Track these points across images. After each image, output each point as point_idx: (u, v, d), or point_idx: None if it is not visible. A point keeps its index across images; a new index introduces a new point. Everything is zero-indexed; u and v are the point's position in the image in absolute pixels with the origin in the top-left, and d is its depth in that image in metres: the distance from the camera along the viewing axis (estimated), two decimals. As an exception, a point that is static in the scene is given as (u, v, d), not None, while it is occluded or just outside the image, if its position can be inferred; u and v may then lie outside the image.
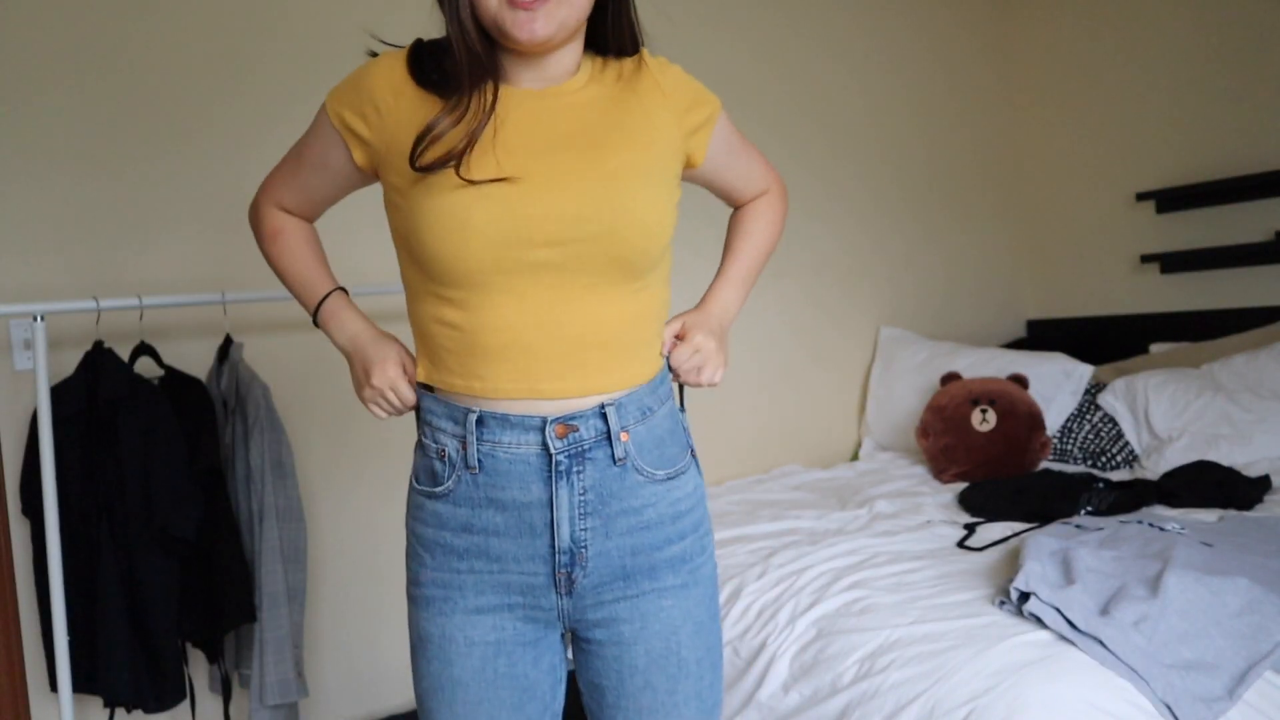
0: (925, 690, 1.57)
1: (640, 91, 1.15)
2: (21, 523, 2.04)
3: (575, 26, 1.08)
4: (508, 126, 1.08)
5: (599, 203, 1.06)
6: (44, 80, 2.14)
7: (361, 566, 2.51)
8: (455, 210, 1.04)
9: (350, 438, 2.50)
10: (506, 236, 1.04)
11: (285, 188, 1.28)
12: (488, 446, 1.08)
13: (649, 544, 1.12)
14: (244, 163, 2.36)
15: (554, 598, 1.11)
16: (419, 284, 1.12)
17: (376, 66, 1.12)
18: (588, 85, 1.14)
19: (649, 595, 1.12)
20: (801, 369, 3.32)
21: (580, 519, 1.09)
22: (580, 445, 1.08)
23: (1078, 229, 3.69)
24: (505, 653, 1.12)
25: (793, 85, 3.31)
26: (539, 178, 1.06)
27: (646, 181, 1.10)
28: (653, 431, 1.13)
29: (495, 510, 1.09)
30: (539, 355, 1.07)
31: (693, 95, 1.20)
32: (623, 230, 1.06)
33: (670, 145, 1.16)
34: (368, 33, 1.31)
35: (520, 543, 1.09)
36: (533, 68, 1.11)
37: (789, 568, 2.10)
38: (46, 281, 2.14)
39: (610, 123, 1.12)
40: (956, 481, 2.84)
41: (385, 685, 2.54)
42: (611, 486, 1.10)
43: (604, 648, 1.14)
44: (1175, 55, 3.34)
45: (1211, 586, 1.65)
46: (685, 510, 1.16)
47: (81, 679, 1.97)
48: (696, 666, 1.15)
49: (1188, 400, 2.84)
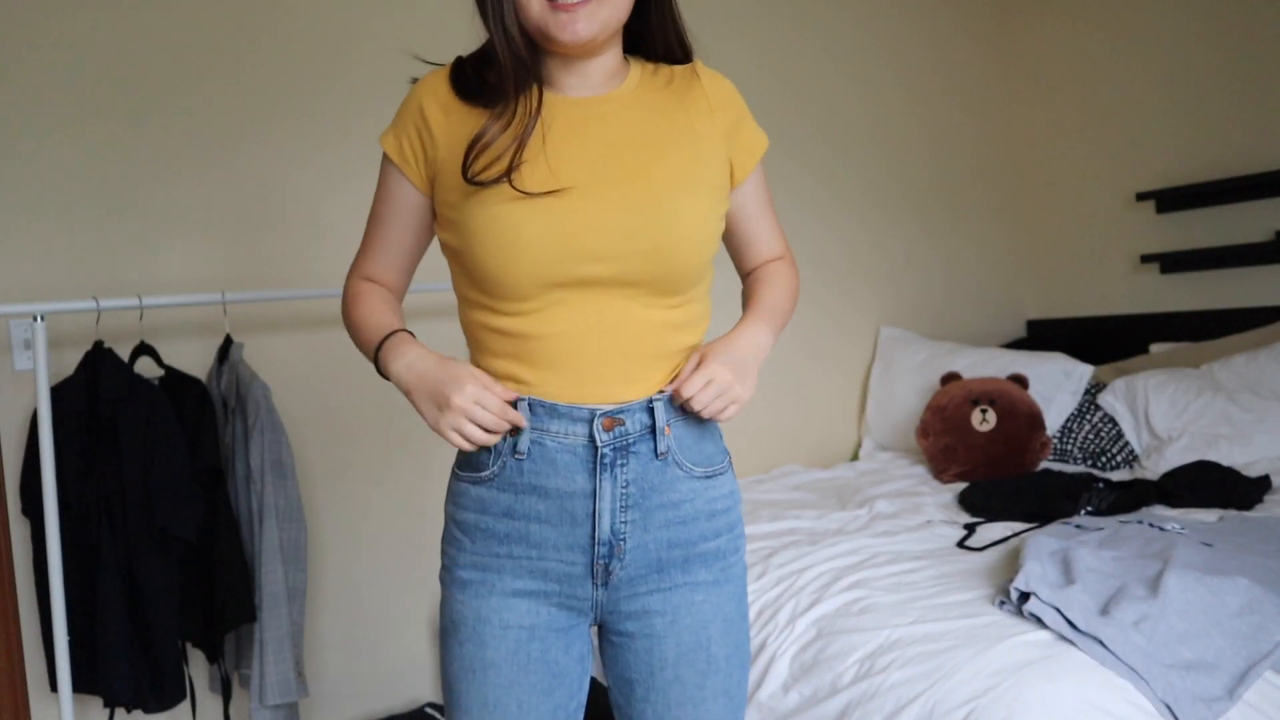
0: (925, 690, 1.57)
1: (689, 102, 1.17)
2: (21, 523, 2.04)
3: (616, 26, 1.10)
4: (555, 133, 1.10)
5: (646, 218, 1.08)
6: (44, 81, 2.14)
7: (361, 566, 2.51)
8: (507, 226, 1.07)
9: (350, 438, 2.50)
10: (556, 252, 1.06)
11: (367, 257, 1.24)
12: (536, 434, 1.10)
13: (685, 538, 1.14)
14: (244, 163, 2.36)
15: (589, 588, 1.13)
16: (470, 294, 1.14)
17: (421, 88, 1.15)
18: (636, 91, 1.16)
19: (681, 589, 1.15)
20: (801, 369, 3.32)
21: (621, 511, 1.11)
22: (625, 439, 1.11)
23: (1078, 229, 3.69)
24: (539, 637, 1.13)
25: (794, 85, 3.31)
26: (588, 190, 1.08)
27: (694, 194, 1.12)
28: (692, 429, 1.15)
29: (538, 497, 1.11)
30: (587, 364, 1.10)
31: (739, 116, 1.21)
32: (669, 246, 1.09)
33: (717, 156, 1.17)
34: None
35: (561, 531, 1.11)
36: (575, 73, 1.13)
37: (789, 568, 2.10)
38: (46, 281, 2.14)
39: (658, 133, 1.14)
40: (956, 481, 2.84)
41: (385, 685, 2.54)
42: (653, 480, 1.12)
43: (635, 640, 1.16)
44: (1175, 55, 3.34)
45: (1211, 586, 1.65)
46: (721, 509, 1.18)
47: (81, 679, 1.97)
48: (726, 663, 1.17)
49: (1188, 400, 2.84)
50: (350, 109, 2.48)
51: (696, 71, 1.20)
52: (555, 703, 1.15)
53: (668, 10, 1.16)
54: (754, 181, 1.25)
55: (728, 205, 1.20)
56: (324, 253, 2.44)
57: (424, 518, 2.56)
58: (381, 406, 2.52)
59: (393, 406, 2.53)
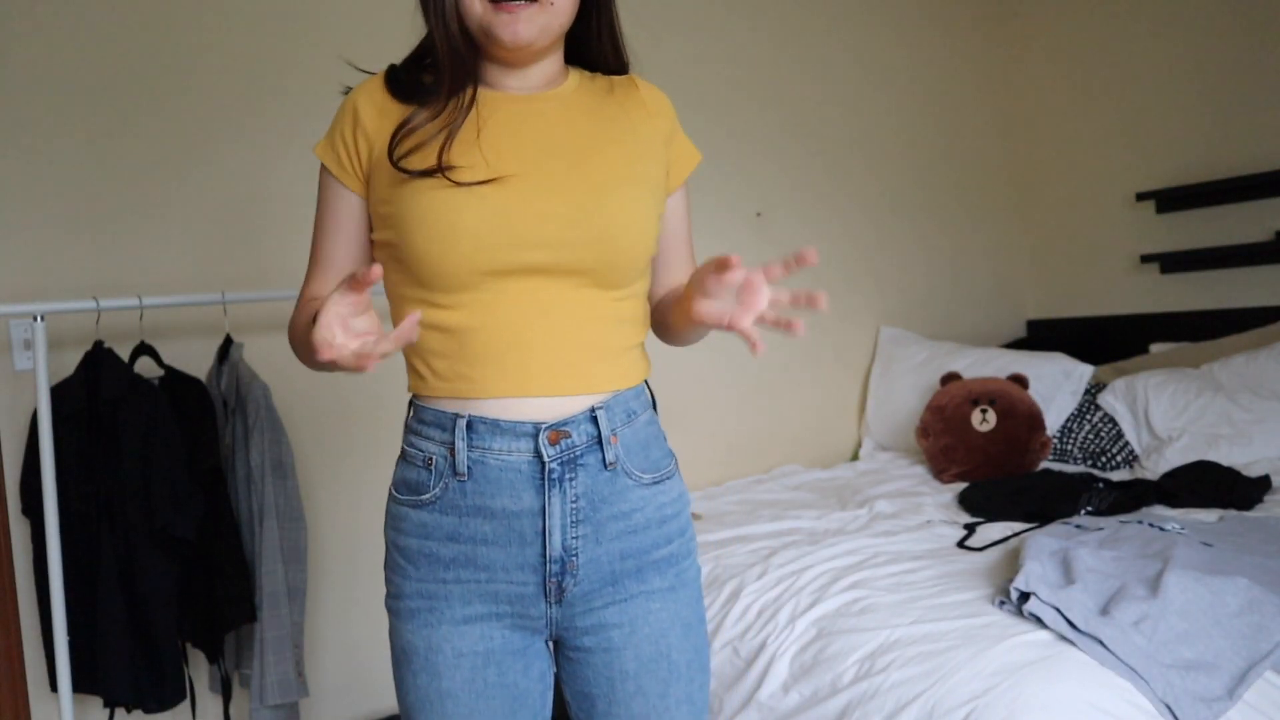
0: (925, 690, 1.57)
1: (628, 106, 1.18)
2: (21, 522, 2.04)
3: (557, 32, 1.10)
4: (491, 128, 1.09)
5: (589, 206, 1.07)
6: (45, 81, 2.14)
7: (361, 566, 2.51)
8: (444, 212, 1.05)
9: (350, 438, 2.50)
10: (496, 239, 1.05)
11: (313, 279, 1.19)
12: (477, 453, 1.07)
13: (637, 548, 1.12)
14: (244, 162, 2.36)
15: (543, 606, 1.10)
16: (407, 292, 1.11)
17: (356, 93, 1.15)
18: (576, 93, 1.16)
19: (637, 599, 1.12)
20: (802, 368, 3.32)
21: (572, 526, 1.08)
22: (573, 451, 1.08)
23: (1078, 229, 3.69)
24: (495, 662, 1.10)
25: (794, 85, 3.31)
26: (530, 180, 1.07)
27: (635, 187, 1.12)
28: (638, 435, 1.13)
29: (483, 519, 1.07)
30: (529, 354, 1.07)
31: (675, 127, 1.22)
32: (613, 235, 1.08)
33: (657, 157, 1.18)
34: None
35: (509, 552, 1.08)
36: (514, 75, 1.13)
37: (789, 568, 2.10)
38: (46, 281, 2.14)
39: (598, 131, 1.14)
40: (956, 481, 2.84)
41: (385, 685, 2.54)
42: (603, 491, 1.09)
43: (593, 655, 1.13)
44: (1175, 56, 3.34)
45: (1211, 586, 1.65)
46: (672, 515, 1.16)
47: (81, 679, 1.97)
48: (686, 669, 1.15)
49: (1188, 400, 2.84)
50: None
51: (635, 82, 1.21)
52: None
53: (606, 19, 1.17)
54: (681, 196, 1.25)
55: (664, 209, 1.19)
56: (324, 253, 2.44)
57: (424, 518, 2.55)
58: (381, 406, 2.52)
59: (392, 406, 2.53)
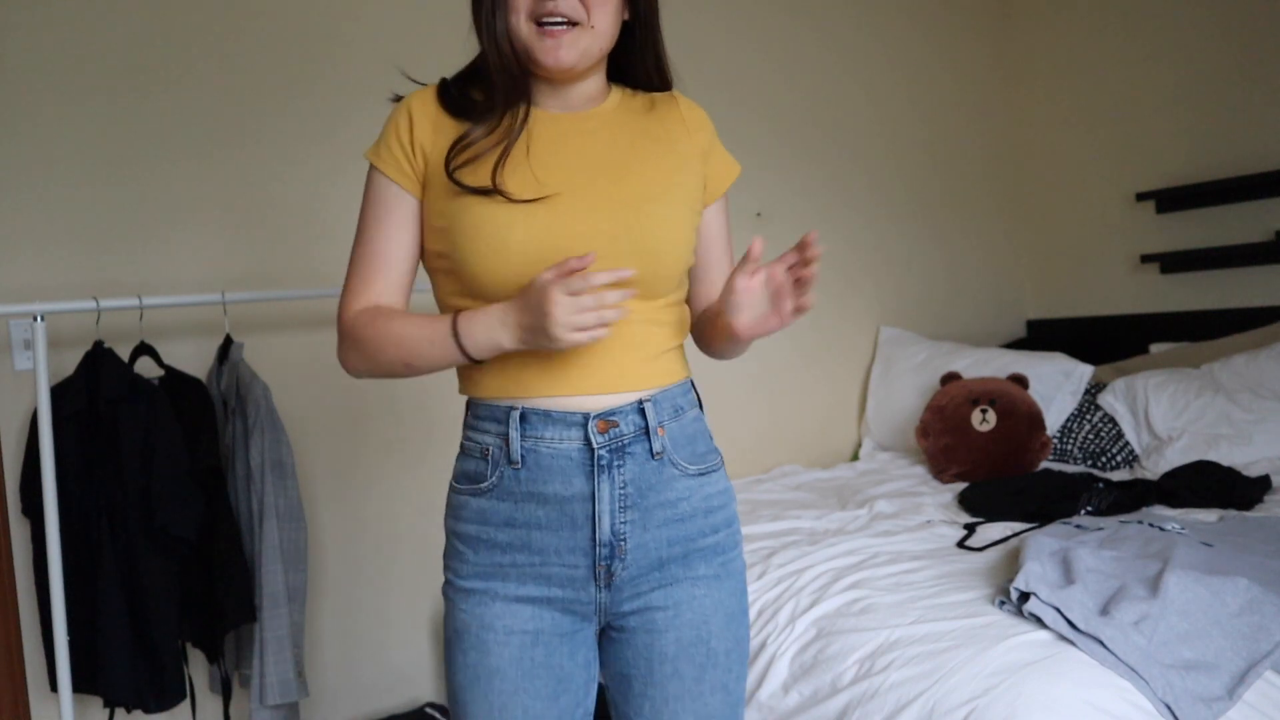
0: (925, 690, 1.57)
1: (669, 123, 1.23)
2: (21, 523, 2.04)
3: (598, 55, 1.15)
4: (539, 146, 1.14)
5: (631, 222, 1.12)
6: (45, 82, 2.14)
7: (361, 566, 2.51)
8: (496, 228, 1.10)
9: (351, 438, 2.50)
10: (545, 254, 1.09)
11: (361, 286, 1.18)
12: (530, 442, 1.12)
13: (684, 535, 1.16)
14: (245, 162, 2.36)
15: (593, 590, 1.14)
16: (459, 303, 1.16)
17: (409, 104, 1.18)
18: (616, 110, 1.21)
19: (683, 583, 1.16)
20: (802, 369, 3.32)
21: (620, 511, 1.13)
22: (620, 440, 1.12)
23: (1078, 229, 3.69)
24: (543, 642, 1.14)
25: (794, 85, 3.30)
26: (575, 198, 1.12)
27: (672, 201, 1.17)
28: (684, 429, 1.18)
29: (537, 504, 1.12)
30: (575, 356, 1.12)
31: (714, 142, 1.26)
32: (653, 249, 1.13)
33: (694, 171, 1.22)
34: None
35: (561, 535, 1.13)
36: (557, 94, 1.18)
37: (789, 568, 2.10)
38: (46, 281, 2.14)
39: (639, 148, 1.18)
40: (956, 481, 2.84)
41: (385, 685, 2.54)
42: (650, 479, 1.14)
43: (635, 635, 1.17)
44: (1176, 55, 3.34)
45: (1211, 586, 1.65)
46: (718, 506, 1.20)
47: (81, 679, 1.96)
48: (725, 658, 1.18)
49: (1188, 400, 2.84)
50: (352, 108, 2.47)
51: (676, 99, 1.26)
52: (561, 708, 1.15)
53: (651, 39, 1.21)
54: (720, 207, 1.29)
55: (700, 220, 1.24)
56: (324, 252, 2.44)
57: (424, 517, 2.55)
58: (382, 406, 2.52)
59: (393, 406, 2.53)
